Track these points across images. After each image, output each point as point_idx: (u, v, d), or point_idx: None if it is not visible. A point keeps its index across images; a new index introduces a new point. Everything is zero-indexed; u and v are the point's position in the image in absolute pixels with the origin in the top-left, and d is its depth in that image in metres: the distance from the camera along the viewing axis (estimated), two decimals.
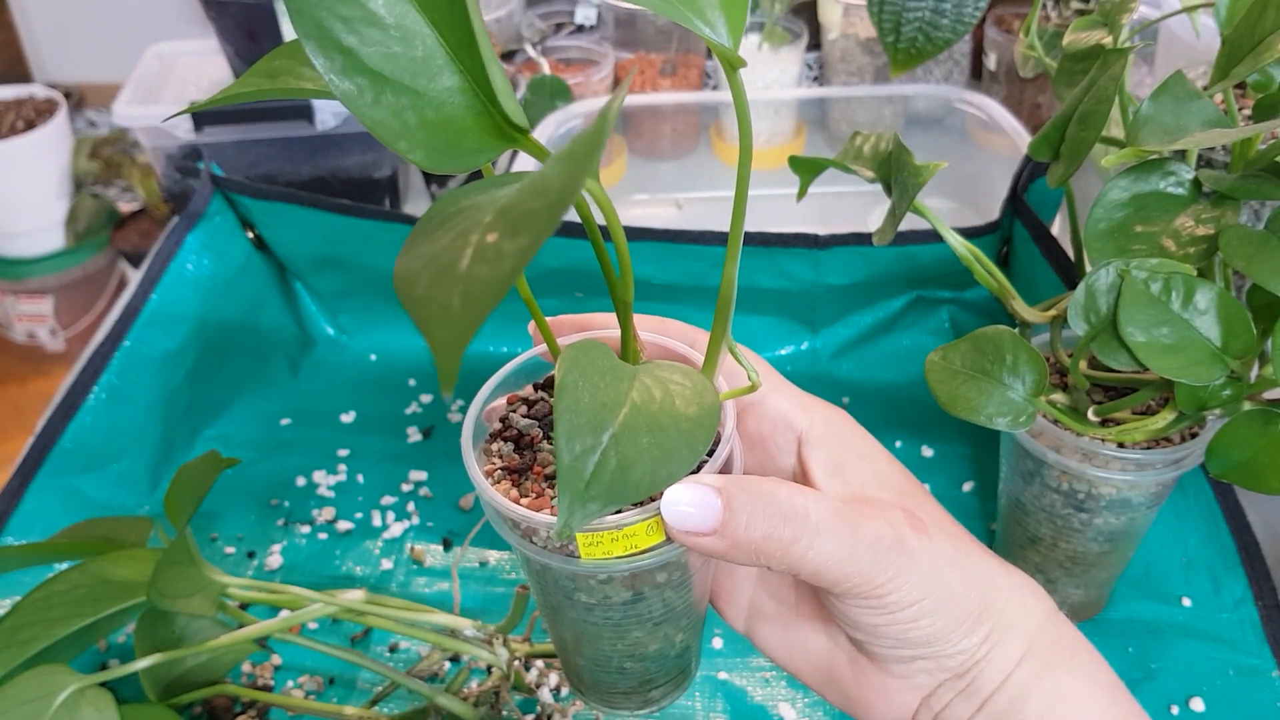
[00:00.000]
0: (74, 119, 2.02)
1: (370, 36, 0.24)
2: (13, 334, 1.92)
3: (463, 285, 0.21)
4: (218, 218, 0.72)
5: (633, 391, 0.28)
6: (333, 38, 0.24)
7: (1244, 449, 0.42)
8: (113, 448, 0.66)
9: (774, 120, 0.97)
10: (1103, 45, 0.48)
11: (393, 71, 0.25)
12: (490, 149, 0.26)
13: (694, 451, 0.27)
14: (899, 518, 0.34)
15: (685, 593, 0.36)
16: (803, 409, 0.37)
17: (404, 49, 0.25)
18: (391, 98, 0.25)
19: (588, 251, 0.69)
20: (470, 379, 0.78)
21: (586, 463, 0.26)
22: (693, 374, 0.30)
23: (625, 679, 0.39)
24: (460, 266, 0.21)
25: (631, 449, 0.26)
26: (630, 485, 0.26)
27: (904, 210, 0.45)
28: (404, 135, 0.25)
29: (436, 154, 0.25)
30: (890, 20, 0.43)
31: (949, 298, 0.75)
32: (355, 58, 0.24)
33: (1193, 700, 0.53)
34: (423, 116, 0.25)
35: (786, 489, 0.32)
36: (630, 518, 0.31)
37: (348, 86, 0.24)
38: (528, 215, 0.22)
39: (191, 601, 0.47)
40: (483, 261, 0.21)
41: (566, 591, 0.34)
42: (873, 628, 0.34)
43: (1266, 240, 0.39)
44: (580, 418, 0.26)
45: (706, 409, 0.29)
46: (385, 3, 0.24)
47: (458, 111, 0.25)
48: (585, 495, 0.26)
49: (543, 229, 0.21)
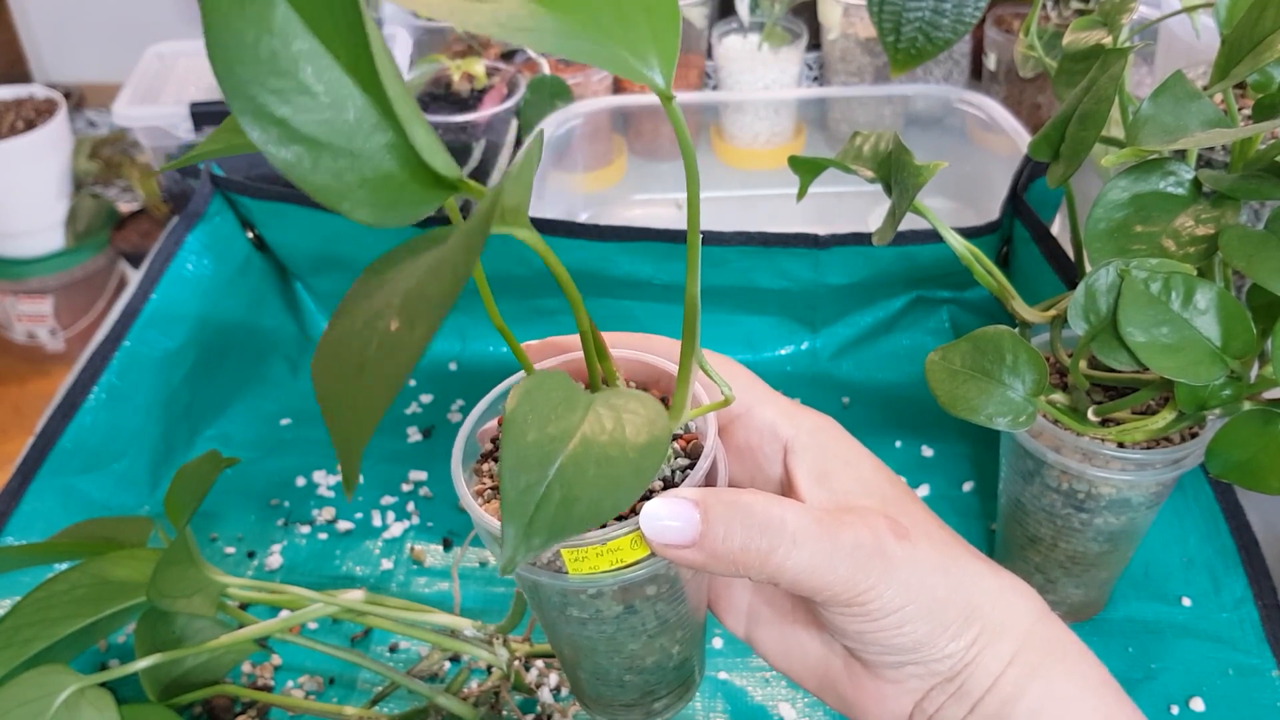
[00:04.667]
0: (74, 119, 2.02)
1: (302, 104, 0.25)
2: (13, 334, 1.92)
3: (366, 381, 0.22)
4: (218, 218, 0.72)
5: (584, 424, 0.28)
6: (266, 111, 0.24)
7: (1244, 449, 0.42)
8: (113, 448, 0.66)
9: (774, 120, 0.97)
10: (1103, 45, 0.48)
11: (328, 136, 0.25)
12: (430, 200, 0.26)
13: (641, 480, 0.28)
14: (880, 525, 0.34)
15: (678, 605, 0.36)
16: (788, 418, 0.37)
17: (336, 113, 0.25)
18: (330, 161, 0.25)
19: (585, 253, 0.69)
20: (474, 379, 0.78)
21: (530, 497, 0.26)
22: (649, 401, 0.30)
23: (626, 691, 0.39)
24: (367, 355, 0.23)
25: (577, 482, 0.27)
26: (575, 518, 0.26)
27: (904, 210, 0.45)
28: (345, 196, 0.25)
29: (379, 210, 0.25)
30: (890, 20, 0.44)
31: (949, 298, 0.75)
32: (289, 127, 0.24)
33: (1193, 700, 0.53)
34: (361, 175, 0.25)
35: (764, 500, 0.33)
36: (614, 532, 0.31)
37: (286, 155, 0.25)
38: (425, 301, 0.23)
39: (191, 601, 0.47)
40: (385, 352, 0.22)
41: (559, 607, 0.35)
42: (858, 634, 0.34)
43: (1266, 240, 0.39)
44: (526, 451, 0.27)
45: (657, 436, 0.29)
46: (314, 70, 0.25)
47: (394, 168, 0.26)
48: (529, 530, 0.26)
49: (436, 317, 0.22)
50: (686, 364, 0.32)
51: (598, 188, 0.95)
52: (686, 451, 0.35)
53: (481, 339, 0.78)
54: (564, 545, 0.31)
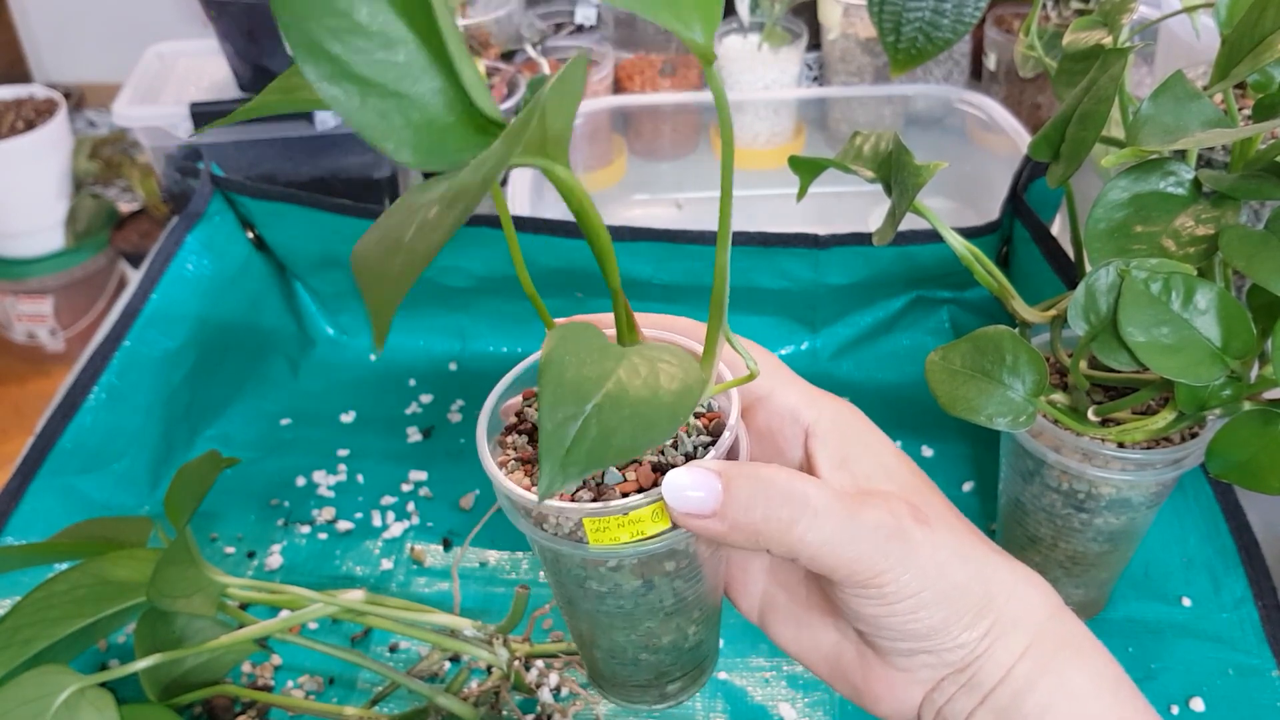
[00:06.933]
0: (74, 119, 2.02)
1: (356, 44, 0.26)
2: (13, 334, 1.92)
3: (405, 253, 0.23)
4: (218, 218, 0.72)
5: (619, 369, 0.29)
6: (321, 47, 0.25)
7: (1244, 449, 0.42)
8: (113, 448, 0.66)
9: (774, 120, 0.97)
10: (1103, 45, 0.48)
11: (377, 76, 0.26)
12: (472, 145, 0.27)
13: (674, 421, 0.28)
14: (902, 509, 0.34)
15: (696, 583, 0.36)
16: (810, 403, 0.37)
17: (387, 55, 0.26)
18: (377, 101, 0.26)
19: (588, 252, 0.69)
20: (474, 379, 0.78)
21: (568, 430, 0.27)
22: (682, 355, 0.31)
23: (641, 671, 0.39)
24: (404, 238, 0.24)
25: (613, 418, 0.27)
26: (612, 450, 0.27)
27: (904, 210, 0.45)
28: (390, 136, 0.26)
29: (422, 152, 0.26)
30: (890, 20, 0.43)
31: (949, 298, 0.75)
32: (341, 64, 0.25)
33: (1193, 700, 0.53)
34: (407, 118, 0.26)
35: (786, 474, 0.33)
36: (635, 502, 0.32)
37: (335, 92, 0.25)
38: (463, 189, 0.24)
39: (191, 601, 0.47)
40: (422, 231, 0.24)
41: (579, 580, 0.35)
42: (873, 618, 0.34)
43: (1266, 240, 0.39)
44: (564, 389, 0.28)
45: (690, 385, 0.30)
46: (369, 12, 0.26)
47: (440, 112, 0.27)
48: (566, 460, 0.27)
49: (473, 200, 0.23)
50: (713, 335, 0.33)
51: (598, 188, 0.95)
52: (709, 429, 0.35)
53: (481, 339, 0.78)
54: (588, 515, 0.32)
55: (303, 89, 0.31)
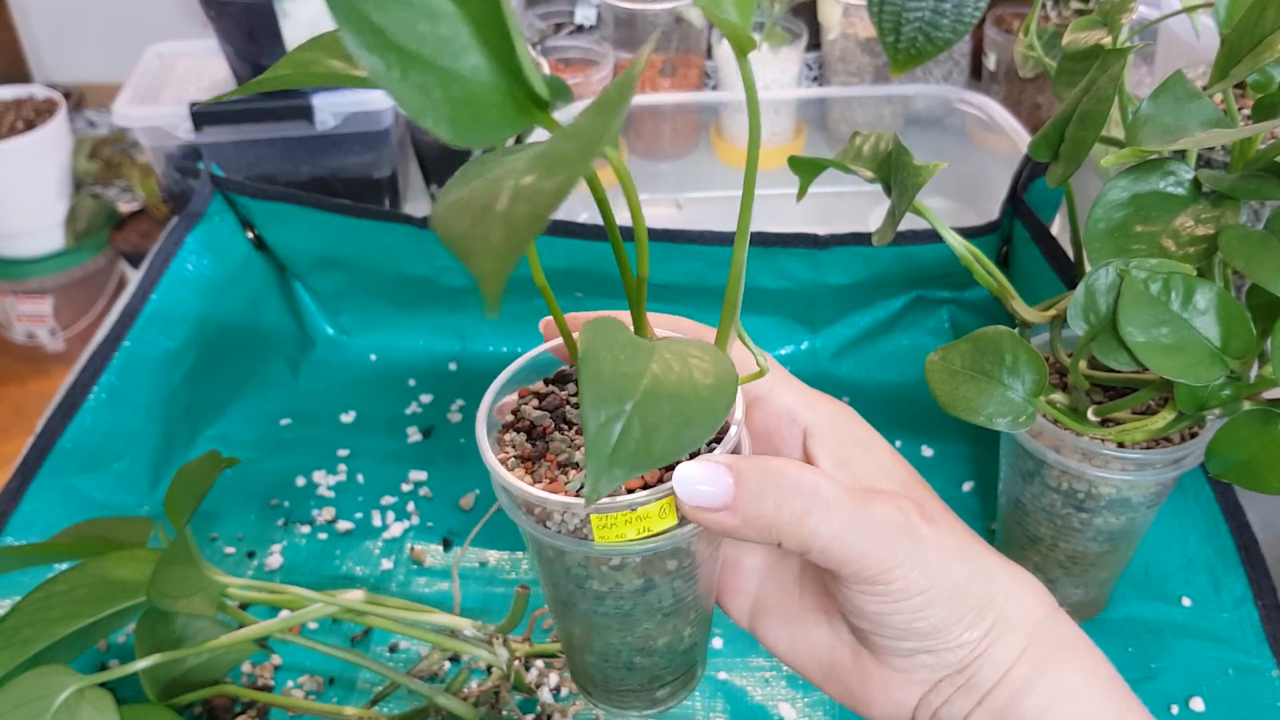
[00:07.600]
0: (74, 119, 2.02)
1: (399, 15, 0.25)
2: (13, 334, 1.92)
3: (503, 221, 0.22)
4: (217, 218, 0.72)
5: (652, 363, 0.29)
6: (364, 16, 0.25)
7: (1244, 449, 0.42)
8: (113, 448, 0.66)
9: (774, 120, 0.97)
10: (1102, 45, 0.48)
11: (420, 49, 0.25)
12: (513, 123, 0.27)
13: (714, 417, 0.28)
14: (908, 506, 0.34)
15: (693, 583, 0.36)
16: (808, 404, 0.37)
17: (430, 28, 0.26)
18: (418, 74, 0.25)
19: (588, 252, 0.69)
20: (474, 379, 0.78)
21: (611, 430, 0.27)
22: (709, 348, 0.31)
23: (634, 676, 0.39)
24: (498, 207, 0.22)
25: (654, 416, 0.27)
26: (655, 451, 0.27)
27: (903, 210, 0.45)
28: (429, 110, 0.26)
29: (460, 128, 0.26)
30: (890, 20, 0.43)
31: (949, 298, 0.75)
32: (384, 35, 0.25)
33: (1193, 700, 0.53)
34: (448, 92, 0.26)
35: (796, 466, 0.33)
36: (643, 498, 0.32)
37: (375, 62, 0.25)
38: (562, 156, 0.23)
39: (191, 601, 0.47)
40: (521, 200, 0.22)
41: (578, 580, 0.35)
42: (878, 616, 0.34)
43: (1266, 240, 0.39)
44: (604, 386, 0.27)
45: (724, 379, 0.29)
46: None
47: (481, 88, 0.26)
48: (611, 461, 0.27)
49: (577, 168, 0.22)
50: (726, 329, 0.33)
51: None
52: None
53: (481, 339, 0.78)
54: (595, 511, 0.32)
55: (316, 64, 0.31)
